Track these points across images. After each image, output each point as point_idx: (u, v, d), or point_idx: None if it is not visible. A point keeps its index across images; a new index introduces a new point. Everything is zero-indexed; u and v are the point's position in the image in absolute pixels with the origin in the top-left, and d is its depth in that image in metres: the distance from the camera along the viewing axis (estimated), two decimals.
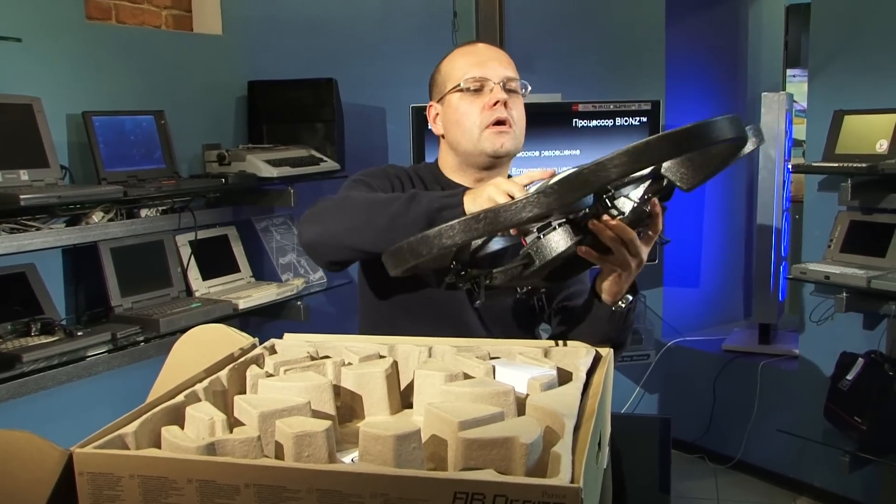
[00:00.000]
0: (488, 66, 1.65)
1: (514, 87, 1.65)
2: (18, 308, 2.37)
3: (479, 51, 1.69)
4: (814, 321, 3.28)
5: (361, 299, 1.80)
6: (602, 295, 1.45)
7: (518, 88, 1.66)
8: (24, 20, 2.50)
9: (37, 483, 0.92)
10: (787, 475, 3.50)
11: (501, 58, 1.68)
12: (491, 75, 1.64)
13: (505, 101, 1.62)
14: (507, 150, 1.64)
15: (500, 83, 1.63)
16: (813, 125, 3.27)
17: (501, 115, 1.61)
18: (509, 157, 1.68)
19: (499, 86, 1.63)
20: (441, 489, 0.82)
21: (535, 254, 1.20)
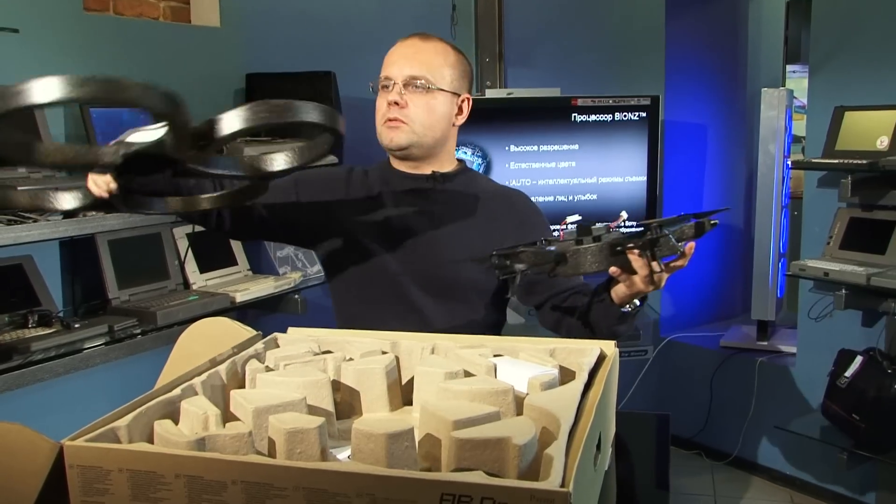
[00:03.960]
0: (395, 66, 1.74)
1: (420, 86, 1.72)
2: (15, 300, 2.36)
3: (396, 49, 1.79)
4: (812, 318, 3.28)
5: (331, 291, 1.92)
6: (613, 297, 1.55)
7: (425, 86, 1.72)
8: (22, 11, 2.49)
9: (28, 475, 0.92)
10: (784, 472, 3.50)
11: (414, 55, 1.75)
12: (395, 74, 1.74)
13: (397, 101, 1.71)
14: (398, 145, 1.75)
15: (402, 82, 1.72)
16: (813, 121, 3.26)
17: (390, 115, 1.73)
18: (415, 150, 1.76)
19: (398, 86, 1.72)
20: (428, 490, 0.82)
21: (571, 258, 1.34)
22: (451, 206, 1.79)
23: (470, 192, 1.82)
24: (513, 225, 1.78)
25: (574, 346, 1.29)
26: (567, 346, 1.29)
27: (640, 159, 3.40)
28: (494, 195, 1.84)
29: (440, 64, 1.75)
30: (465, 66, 1.82)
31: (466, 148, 3.27)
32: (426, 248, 1.76)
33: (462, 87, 1.80)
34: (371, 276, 1.80)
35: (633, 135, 3.38)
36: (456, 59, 1.79)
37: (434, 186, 1.81)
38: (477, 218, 1.79)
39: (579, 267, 1.36)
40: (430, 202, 1.80)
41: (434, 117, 1.75)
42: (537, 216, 1.85)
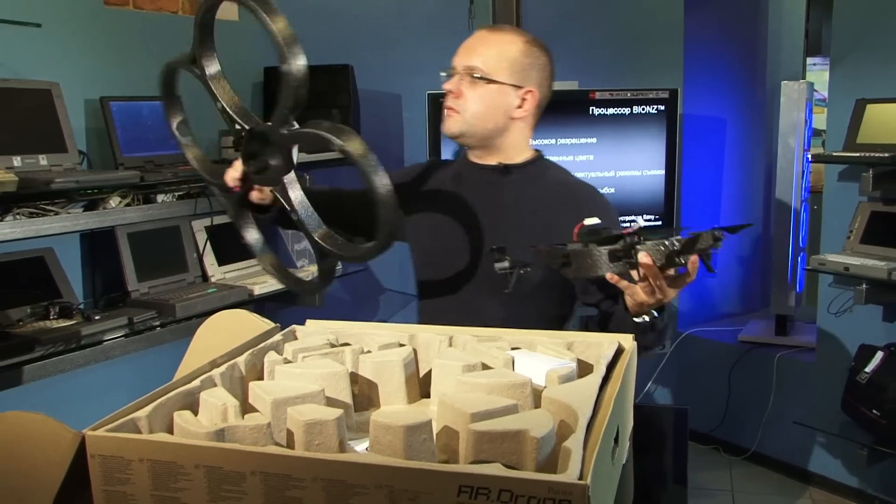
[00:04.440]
0: (458, 56, 1.77)
1: (476, 75, 1.73)
2: (37, 292, 2.39)
3: (468, 39, 1.80)
4: (832, 313, 3.26)
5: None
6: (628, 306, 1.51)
7: (480, 76, 1.73)
8: (44, 6, 2.51)
9: (51, 465, 0.93)
10: (802, 467, 3.48)
11: (475, 46, 1.76)
12: (456, 64, 1.77)
13: (452, 90, 1.74)
14: (451, 133, 1.78)
15: (460, 72, 1.75)
16: (834, 114, 3.23)
17: (447, 103, 1.77)
18: (468, 138, 1.79)
19: (457, 76, 1.75)
20: (446, 482, 0.82)
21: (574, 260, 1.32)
22: (515, 198, 1.79)
23: (536, 183, 1.81)
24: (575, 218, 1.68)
25: (592, 339, 1.29)
26: (585, 339, 1.29)
27: (658, 153, 3.38)
28: (560, 187, 1.81)
29: (499, 55, 1.74)
30: (536, 59, 1.77)
31: None
32: (489, 241, 1.76)
33: (527, 79, 1.76)
34: (434, 267, 1.85)
35: (652, 128, 3.36)
36: (522, 50, 1.75)
37: (500, 178, 1.81)
38: (540, 210, 1.77)
39: (580, 270, 1.34)
40: (494, 194, 1.80)
41: (485, 108, 1.74)
42: (606, 213, 1.76)
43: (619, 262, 1.30)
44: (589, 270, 1.32)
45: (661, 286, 1.36)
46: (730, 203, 4.06)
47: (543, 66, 1.79)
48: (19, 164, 2.29)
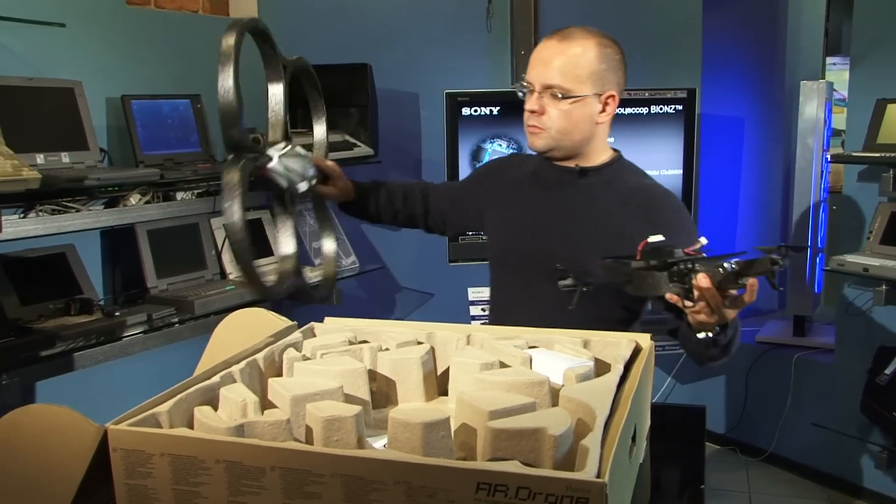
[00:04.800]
0: (533, 70, 1.73)
1: (557, 94, 1.70)
2: (58, 287, 2.41)
3: (538, 50, 1.75)
4: (851, 314, 3.24)
5: None
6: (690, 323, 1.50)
7: (560, 94, 1.70)
8: (68, 6, 2.53)
9: (74, 458, 0.94)
10: (820, 469, 3.46)
11: (549, 60, 1.71)
12: (532, 80, 1.73)
13: (534, 109, 1.72)
14: (538, 149, 1.78)
15: (538, 90, 1.72)
16: (854, 114, 3.21)
17: (529, 121, 1.75)
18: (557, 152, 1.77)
19: (535, 94, 1.72)
20: (464, 479, 0.82)
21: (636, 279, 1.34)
22: (589, 201, 1.77)
23: (611, 186, 1.78)
24: (648, 226, 1.66)
25: (609, 338, 1.29)
26: (602, 338, 1.29)
27: (676, 152, 3.37)
28: (636, 191, 1.77)
29: (577, 67, 1.70)
30: (611, 60, 1.74)
31: (502, 140, 3.27)
32: (558, 240, 1.76)
33: (606, 83, 1.73)
34: (506, 263, 1.87)
35: (670, 128, 3.35)
36: (598, 55, 1.71)
37: (576, 180, 1.80)
38: (613, 213, 1.75)
39: (641, 289, 1.35)
40: (568, 195, 1.79)
41: (571, 123, 1.73)
42: (677, 220, 1.74)
43: (678, 284, 1.31)
44: (649, 290, 1.34)
45: (718, 307, 1.35)
46: (748, 203, 4.04)
47: (618, 65, 1.76)
48: (42, 162, 2.31)
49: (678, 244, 1.41)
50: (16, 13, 2.37)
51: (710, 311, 1.35)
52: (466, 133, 3.24)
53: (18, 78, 2.35)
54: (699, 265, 1.29)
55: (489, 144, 3.22)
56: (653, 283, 1.32)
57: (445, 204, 2.06)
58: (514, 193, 1.88)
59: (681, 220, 1.74)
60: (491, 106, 3.21)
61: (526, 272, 1.81)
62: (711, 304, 1.33)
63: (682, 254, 1.32)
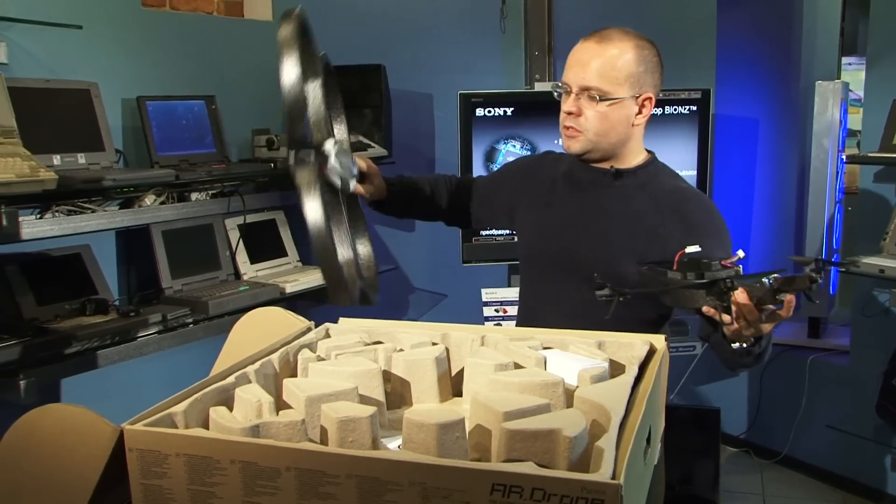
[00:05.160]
0: (570, 72, 1.73)
1: (594, 96, 1.70)
2: (74, 288, 2.43)
3: (574, 52, 1.75)
4: (866, 315, 3.22)
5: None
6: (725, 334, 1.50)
7: (596, 96, 1.69)
8: (85, 8, 2.55)
9: (91, 457, 0.95)
10: (835, 472, 3.44)
11: (587, 62, 1.70)
12: (570, 81, 1.72)
13: (572, 111, 1.71)
14: (574, 152, 1.76)
15: (575, 92, 1.71)
16: (870, 115, 3.19)
17: (566, 123, 1.74)
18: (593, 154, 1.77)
19: (573, 95, 1.71)
20: (479, 480, 0.82)
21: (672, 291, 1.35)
22: (623, 203, 1.77)
23: (646, 189, 1.78)
24: (682, 229, 1.69)
25: (623, 339, 1.29)
26: (616, 339, 1.29)
27: (690, 153, 3.36)
28: (670, 195, 1.77)
29: (615, 69, 1.69)
30: (649, 62, 1.73)
31: (516, 141, 3.27)
32: (591, 242, 1.76)
33: (644, 85, 1.73)
34: (537, 262, 1.87)
35: (684, 128, 3.34)
36: (635, 57, 1.71)
37: (611, 182, 1.79)
38: (646, 216, 1.74)
39: (677, 301, 1.36)
40: (602, 197, 1.79)
41: (609, 125, 1.72)
42: (711, 223, 1.74)
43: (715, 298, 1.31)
44: (686, 302, 1.34)
45: (755, 322, 1.36)
46: (762, 204, 4.02)
47: (655, 67, 1.75)
48: (59, 163, 2.33)
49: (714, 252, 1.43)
50: (33, 15, 2.38)
51: (746, 324, 1.37)
52: (480, 134, 3.24)
53: (36, 79, 2.37)
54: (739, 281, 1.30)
55: (503, 145, 3.22)
56: (690, 297, 1.32)
57: (474, 199, 2.05)
58: (547, 193, 1.87)
59: (715, 224, 1.74)
60: (505, 107, 3.21)
61: (558, 273, 1.80)
62: (749, 319, 1.35)
63: (719, 266, 1.32)
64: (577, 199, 1.81)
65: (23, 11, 2.37)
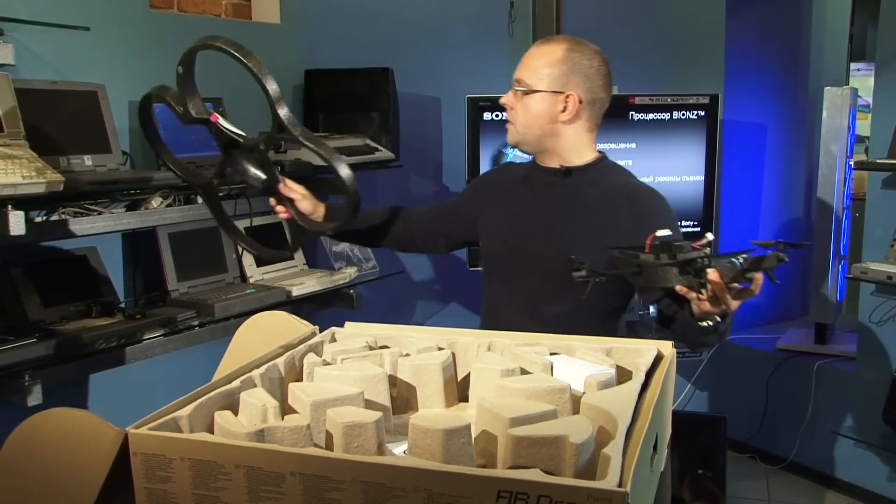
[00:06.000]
0: (517, 69, 1.88)
1: (520, 88, 1.85)
2: (80, 290, 2.43)
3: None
4: (874, 322, 3.21)
5: None
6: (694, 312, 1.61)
7: (524, 88, 1.84)
8: (92, 10, 2.55)
9: (95, 462, 0.94)
10: (842, 479, 3.43)
11: (525, 59, 1.87)
12: (514, 77, 1.87)
13: (506, 103, 1.88)
14: (510, 143, 1.92)
15: (512, 87, 1.86)
16: (878, 121, 3.18)
17: (506, 115, 1.91)
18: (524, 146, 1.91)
19: (511, 90, 1.87)
20: (485, 487, 0.82)
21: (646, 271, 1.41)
22: (574, 199, 1.86)
23: (597, 185, 1.87)
24: (633, 222, 1.80)
25: (631, 345, 1.28)
26: (624, 345, 1.29)
27: (698, 159, 3.36)
28: (620, 190, 1.86)
29: (541, 65, 1.83)
30: (577, 63, 1.82)
31: None
32: (547, 240, 1.85)
33: (568, 84, 1.82)
34: (497, 261, 1.96)
35: (692, 134, 3.33)
36: (561, 57, 1.82)
37: (562, 180, 1.89)
38: (598, 212, 1.84)
39: (651, 281, 1.42)
40: (555, 195, 1.89)
41: (530, 116, 1.85)
42: (661, 216, 1.82)
43: (689, 276, 1.38)
44: (659, 282, 1.41)
45: (726, 299, 1.45)
46: (770, 210, 4.01)
47: (587, 70, 1.84)
48: (65, 165, 2.33)
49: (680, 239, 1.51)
50: (40, 17, 2.39)
51: (717, 302, 1.46)
52: (488, 138, 3.24)
53: (43, 81, 2.37)
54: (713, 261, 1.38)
55: (510, 149, 3.21)
56: (664, 276, 1.39)
57: (436, 222, 2.15)
58: (504, 198, 1.97)
59: (665, 215, 1.84)
60: None
61: (516, 270, 1.89)
62: (720, 297, 1.44)
63: (690, 248, 1.39)
64: (531, 198, 1.92)
65: (30, 13, 2.37)
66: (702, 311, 1.53)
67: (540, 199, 1.90)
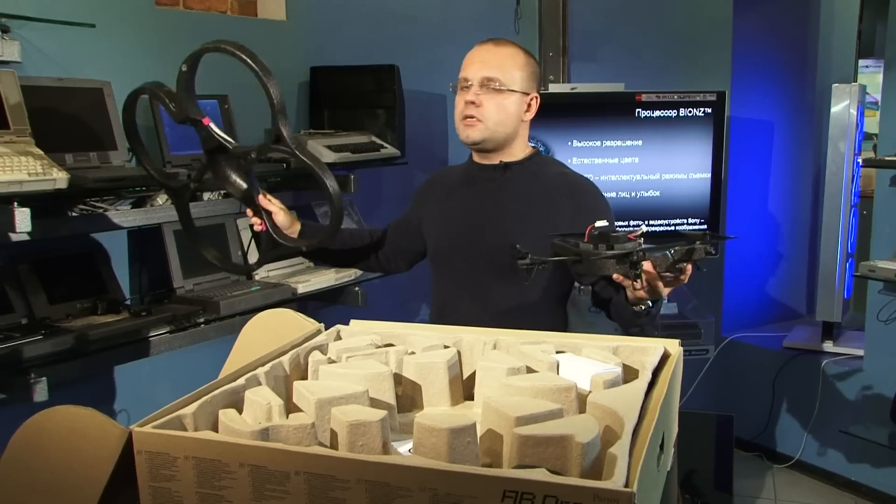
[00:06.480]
0: (472, 68, 1.92)
1: (494, 86, 1.89)
2: (85, 287, 2.43)
3: (475, 52, 1.95)
4: (881, 320, 3.19)
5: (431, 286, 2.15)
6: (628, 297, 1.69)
7: (500, 87, 1.89)
8: (98, 6, 2.55)
9: (99, 460, 0.94)
10: (849, 477, 3.42)
11: (489, 59, 1.91)
12: (471, 75, 1.91)
13: (473, 101, 1.89)
14: (472, 140, 1.93)
15: (478, 83, 1.89)
16: (886, 118, 3.17)
17: (468, 111, 1.91)
18: (488, 143, 1.94)
19: (475, 86, 1.89)
20: (490, 486, 0.81)
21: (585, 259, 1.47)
22: (516, 192, 1.94)
23: (535, 177, 1.96)
24: (571, 210, 1.90)
25: (637, 344, 1.28)
26: (630, 344, 1.28)
27: (704, 156, 3.34)
28: (557, 180, 1.96)
29: (511, 66, 1.91)
30: (534, 67, 1.97)
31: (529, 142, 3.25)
32: (489, 232, 1.93)
33: (531, 87, 1.95)
34: (443, 257, 2.02)
35: (698, 131, 3.32)
36: (525, 61, 1.94)
37: (502, 175, 1.97)
38: (537, 202, 1.92)
39: (590, 269, 1.50)
40: (497, 189, 1.96)
41: (504, 115, 1.91)
42: (596, 203, 1.94)
43: (625, 266, 1.46)
44: (598, 270, 1.49)
45: (658, 287, 1.55)
46: (777, 207, 4.00)
47: (537, 74, 1.99)
48: (71, 162, 2.32)
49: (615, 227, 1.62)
50: (46, 14, 2.38)
51: (650, 289, 1.56)
52: None
53: (48, 78, 2.37)
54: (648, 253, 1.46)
55: None
56: (601, 265, 1.47)
57: (394, 240, 2.20)
58: (447, 198, 2.05)
59: (599, 203, 1.94)
60: None
61: (463, 264, 1.96)
62: (652, 285, 1.54)
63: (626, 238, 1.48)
64: (472, 195, 1.99)
65: (36, 10, 2.37)
66: (636, 297, 1.63)
67: (482, 194, 1.97)
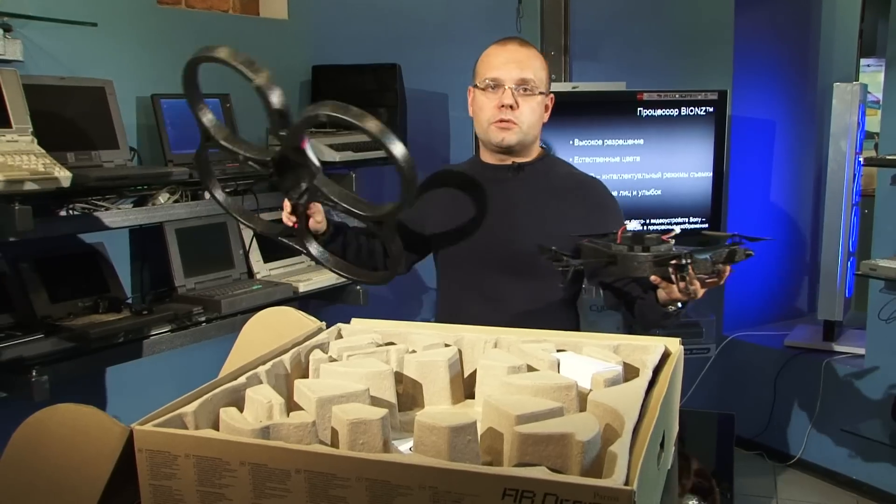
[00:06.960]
0: (505, 69, 1.86)
1: (529, 89, 1.85)
2: (87, 285, 2.43)
3: (504, 52, 1.89)
4: (882, 319, 3.19)
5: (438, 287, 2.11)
6: (658, 297, 1.70)
7: (533, 89, 1.85)
8: (100, 5, 2.55)
9: (100, 458, 0.94)
10: (850, 476, 3.41)
11: (522, 60, 1.87)
12: (505, 78, 1.85)
13: (511, 104, 1.84)
14: (508, 144, 1.89)
15: (513, 86, 1.84)
16: (888, 117, 3.17)
17: (505, 115, 1.85)
18: (520, 146, 1.91)
19: (510, 89, 1.84)
20: (490, 484, 0.82)
21: (620, 261, 1.47)
22: (528, 192, 1.93)
23: (548, 177, 1.95)
24: (585, 210, 1.90)
25: (638, 342, 1.28)
26: (631, 342, 1.28)
27: (706, 155, 3.34)
28: (569, 180, 1.96)
29: (539, 67, 1.89)
30: (547, 66, 1.96)
31: None
32: (504, 232, 1.91)
33: (548, 88, 1.94)
34: (456, 259, 1.98)
35: (700, 130, 3.32)
36: (544, 61, 1.93)
37: (514, 175, 1.95)
38: (550, 202, 1.92)
39: (626, 271, 1.49)
40: (509, 190, 1.94)
41: (536, 117, 1.90)
42: (606, 201, 1.96)
43: (663, 268, 1.46)
44: (634, 272, 1.48)
45: (696, 289, 1.55)
46: (778, 207, 3.99)
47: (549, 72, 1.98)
48: (73, 160, 2.33)
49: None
50: (48, 13, 2.39)
51: (687, 291, 1.56)
52: None
53: (51, 77, 2.37)
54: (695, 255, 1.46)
55: None
56: (638, 266, 1.47)
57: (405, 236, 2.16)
58: (454, 200, 1.98)
59: (609, 201, 1.96)
60: None
61: (478, 264, 1.93)
62: (691, 288, 1.54)
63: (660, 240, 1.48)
64: (484, 195, 1.95)
65: (38, 9, 2.37)
66: (671, 298, 1.63)
67: (494, 195, 1.94)
